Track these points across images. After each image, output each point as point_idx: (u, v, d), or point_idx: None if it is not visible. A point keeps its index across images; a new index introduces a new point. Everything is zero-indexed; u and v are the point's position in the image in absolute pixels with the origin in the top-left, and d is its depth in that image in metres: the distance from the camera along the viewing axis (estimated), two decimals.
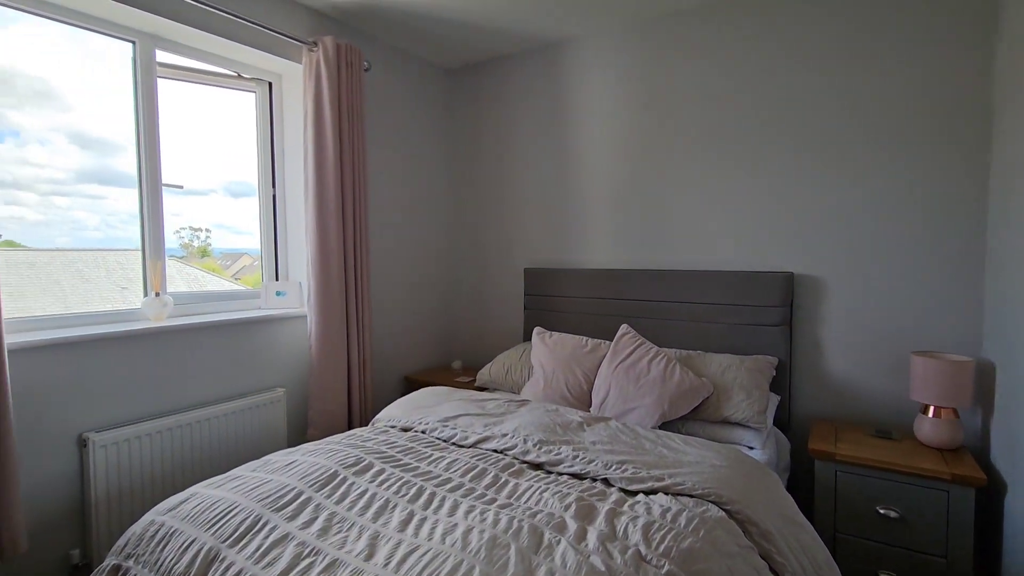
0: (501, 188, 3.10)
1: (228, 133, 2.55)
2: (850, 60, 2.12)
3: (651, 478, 1.47)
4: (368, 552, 1.12)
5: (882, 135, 2.08)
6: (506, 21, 2.59)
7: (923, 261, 2.04)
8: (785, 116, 2.26)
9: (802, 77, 2.22)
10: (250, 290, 2.56)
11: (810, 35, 2.19)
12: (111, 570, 1.28)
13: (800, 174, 2.25)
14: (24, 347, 1.63)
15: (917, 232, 2.05)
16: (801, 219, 2.26)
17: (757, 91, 2.32)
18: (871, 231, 2.13)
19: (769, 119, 2.30)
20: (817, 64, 2.19)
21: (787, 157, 2.27)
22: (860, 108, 2.12)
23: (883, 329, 2.12)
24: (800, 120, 2.24)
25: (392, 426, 1.98)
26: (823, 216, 2.21)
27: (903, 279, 2.08)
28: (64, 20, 1.89)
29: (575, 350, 2.39)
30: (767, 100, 2.30)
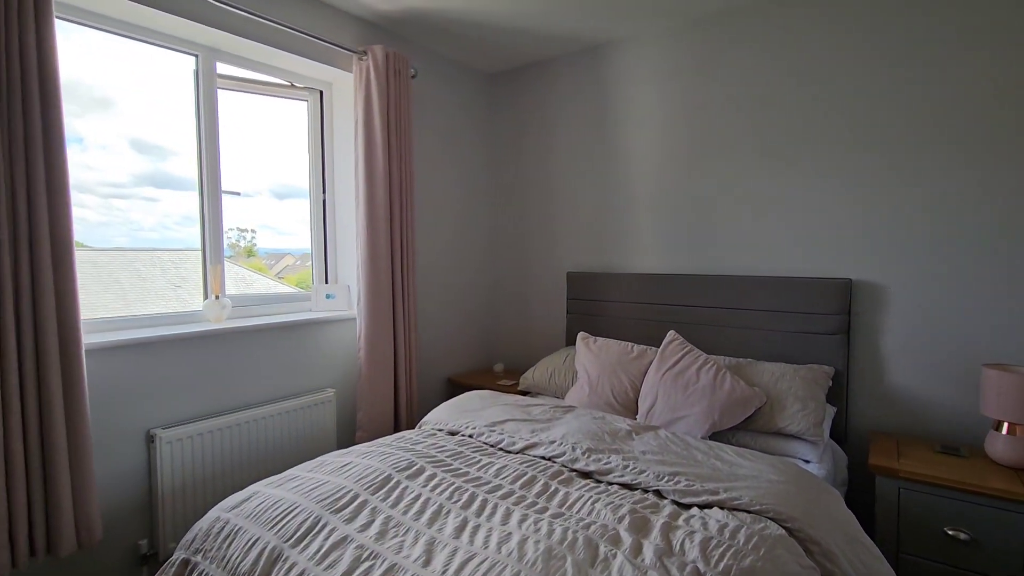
0: (543, 192, 3.10)
1: (272, 137, 2.62)
2: (913, 53, 2.02)
3: (705, 491, 1.44)
4: (425, 559, 1.14)
5: (949, 133, 1.98)
6: (550, 25, 2.58)
7: (996, 266, 1.93)
8: (842, 115, 2.18)
9: (860, 74, 2.13)
10: (301, 292, 2.63)
11: (869, 30, 2.10)
12: (180, 564, 1.34)
13: (859, 176, 2.16)
14: (99, 347, 1.72)
15: (989, 235, 1.93)
16: (860, 223, 2.17)
17: (811, 90, 2.23)
18: (937, 234, 2.02)
19: (825, 119, 2.21)
20: (877, 60, 2.09)
21: (845, 158, 2.18)
22: (925, 104, 2.01)
23: (951, 339, 2.01)
24: (859, 119, 2.14)
25: (439, 429, 2.01)
26: (885, 220, 2.12)
27: (974, 286, 1.97)
28: (132, 36, 1.99)
29: (621, 356, 2.36)
30: (822, 99, 2.21)
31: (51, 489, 1.53)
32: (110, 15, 1.88)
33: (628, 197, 2.78)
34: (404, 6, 2.41)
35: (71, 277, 1.57)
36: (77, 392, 1.58)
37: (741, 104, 2.41)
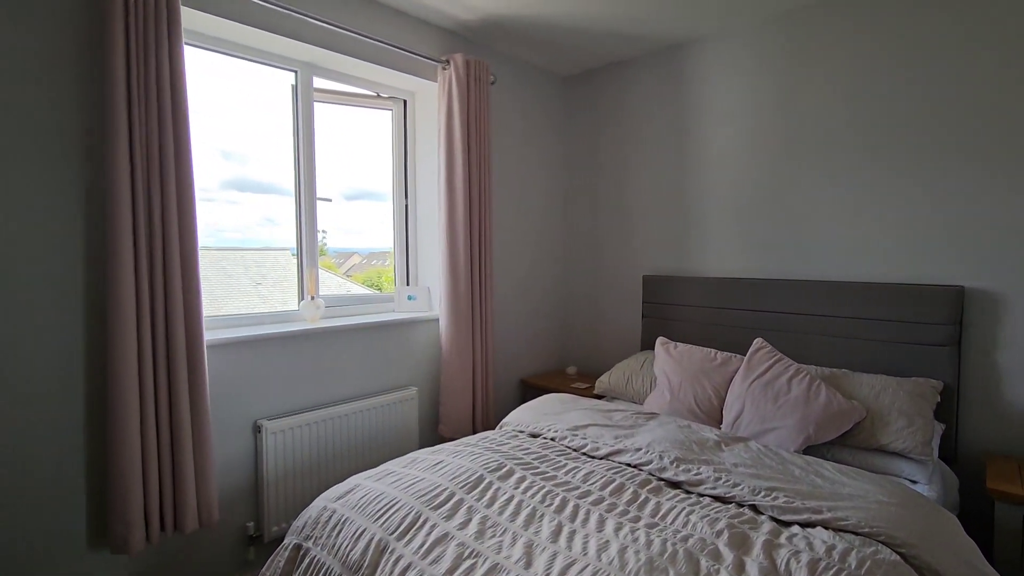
0: (619, 194, 3.07)
1: (340, 141, 2.70)
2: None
3: (807, 509, 1.38)
4: (526, 560, 1.16)
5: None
6: (628, 26, 2.55)
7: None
8: (953, 109, 2.01)
9: (977, 63, 1.96)
10: (381, 294, 2.75)
11: (988, 13, 1.93)
12: (292, 548, 1.44)
13: (974, 174, 1.99)
14: (214, 344, 1.88)
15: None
16: (975, 226, 2.00)
17: (919, 81, 2.08)
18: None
19: (932, 114, 2.05)
20: (997, 45, 1.91)
21: (956, 155, 2.02)
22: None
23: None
24: (972, 113, 1.97)
25: (520, 431, 2.04)
26: (1004, 222, 1.94)
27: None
28: (240, 56, 2.15)
29: (703, 363, 2.30)
30: (929, 92, 2.05)
31: (178, 474, 1.69)
32: (225, 38, 2.05)
33: (708, 199, 2.70)
34: (483, 14, 2.46)
35: (196, 277, 1.72)
36: (200, 385, 1.73)
37: (836, 99, 2.29)
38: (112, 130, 1.54)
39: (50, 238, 1.55)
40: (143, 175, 1.60)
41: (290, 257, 2.57)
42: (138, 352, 1.60)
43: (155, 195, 1.63)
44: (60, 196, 1.56)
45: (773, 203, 2.49)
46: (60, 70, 1.55)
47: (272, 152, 2.36)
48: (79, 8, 1.57)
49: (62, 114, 1.56)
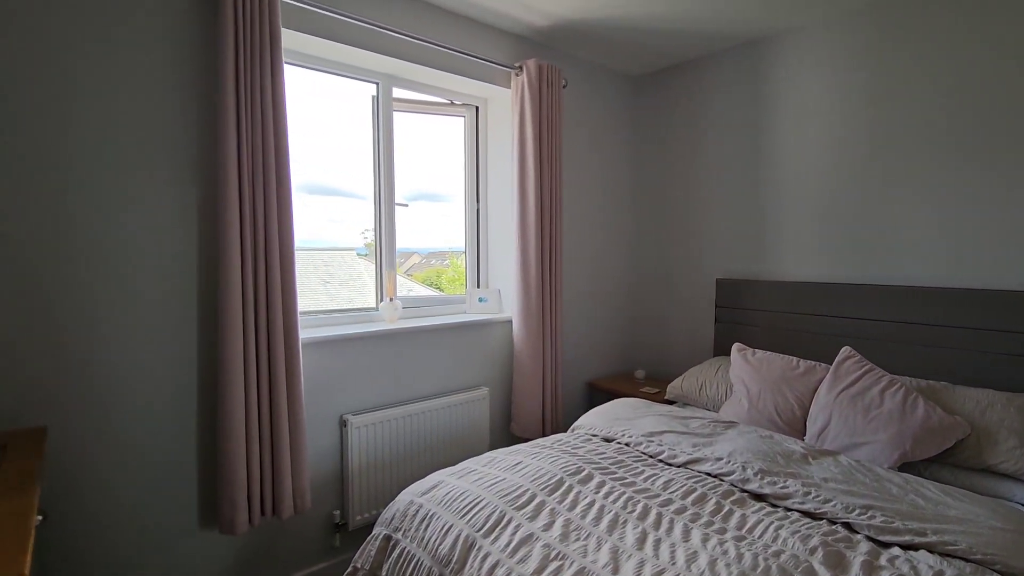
0: (690, 195, 3.00)
1: (402, 144, 2.77)
2: None
3: (908, 531, 1.31)
4: (613, 566, 1.18)
5: None
6: (702, 24, 2.49)
7: None
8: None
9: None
10: (453, 295, 2.83)
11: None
12: (383, 539, 1.52)
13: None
14: (306, 342, 2.01)
15: None
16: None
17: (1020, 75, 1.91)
18: None
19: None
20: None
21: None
22: None
23: None
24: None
25: (594, 435, 2.04)
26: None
27: None
28: (326, 70, 2.27)
29: (784, 371, 2.22)
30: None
31: (277, 462, 1.82)
32: (313, 54, 2.17)
33: (787, 200, 2.59)
34: (556, 20, 2.48)
35: (293, 279, 1.84)
36: (295, 380, 1.86)
37: (932, 94, 2.13)
38: (223, 145, 1.68)
39: (170, 246, 1.71)
40: (249, 185, 1.74)
41: (356, 257, 2.69)
42: (243, 351, 1.73)
43: (259, 203, 1.77)
44: (178, 207, 1.72)
45: (861, 204, 2.36)
46: (178, 91, 1.70)
47: (337, 156, 2.45)
48: (195, 35, 1.72)
49: (179, 131, 1.71)
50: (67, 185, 1.53)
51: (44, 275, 1.51)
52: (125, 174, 1.62)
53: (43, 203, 1.50)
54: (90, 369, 1.59)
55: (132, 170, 1.63)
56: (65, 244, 1.53)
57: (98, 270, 1.59)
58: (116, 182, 1.61)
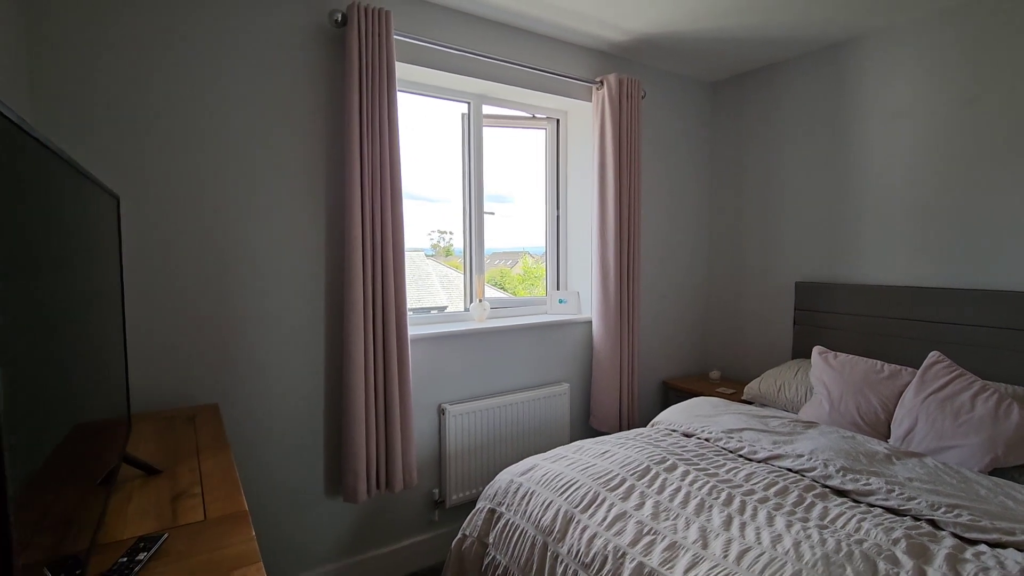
0: (768, 198, 3.02)
1: None
2: None
3: (996, 529, 1.35)
4: (702, 542, 1.31)
5: None
6: (782, 31, 2.53)
7: None
8: None
9: None
10: (534, 298, 3.01)
11: None
12: (487, 512, 1.73)
13: None
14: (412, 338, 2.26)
15: None
16: None
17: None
18: None
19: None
20: None
21: None
22: None
23: None
24: None
25: (673, 430, 2.16)
26: None
27: None
28: (425, 94, 2.52)
29: (868, 374, 2.23)
30: None
31: (390, 442, 2.08)
32: (416, 80, 2.42)
33: (869, 202, 2.58)
34: (635, 35, 2.61)
35: (403, 280, 2.10)
36: (405, 371, 2.11)
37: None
38: (349, 161, 1.95)
39: (303, 249, 2.01)
40: (369, 196, 2.01)
41: (424, 257, 2.90)
42: (363, 345, 2.00)
43: (376, 212, 2.03)
44: (310, 215, 2.02)
45: (947, 206, 2.32)
46: (312, 114, 2.00)
47: (405, 159, 2.62)
48: (326, 69, 2.01)
49: (312, 149, 2.01)
50: (225, 200, 1.85)
51: (209, 280, 1.84)
52: (268, 186, 1.93)
53: (205, 218, 1.82)
54: (245, 361, 1.91)
55: (274, 182, 1.94)
56: (223, 253, 1.86)
57: (248, 275, 1.90)
58: (262, 195, 1.92)
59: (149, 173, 1.73)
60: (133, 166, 1.70)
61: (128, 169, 1.69)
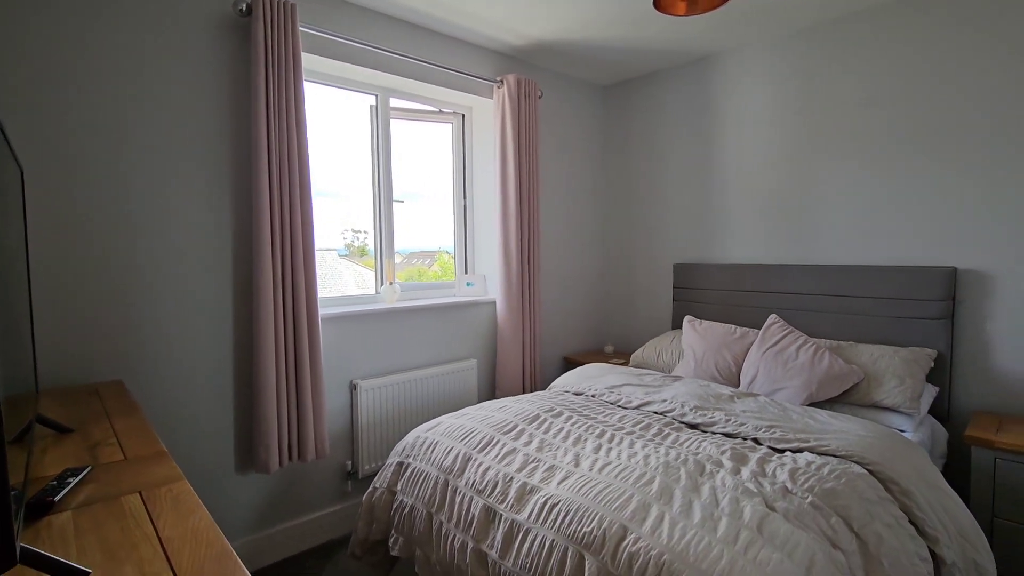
0: (651, 191, 3.43)
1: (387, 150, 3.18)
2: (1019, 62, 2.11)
3: (797, 440, 1.75)
4: (575, 463, 1.58)
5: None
6: (661, 43, 2.92)
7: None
8: (946, 113, 2.30)
9: (962, 76, 2.24)
10: (443, 282, 3.21)
11: (974, 33, 2.21)
12: (396, 466, 1.91)
13: (963, 169, 2.27)
14: (323, 318, 2.37)
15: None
16: (965, 214, 2.28)
17: (915, 90, 2.37)
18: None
19: (928, 117, 2.34)
20: (983, 61, 2.20)
21: (949, 153, 2.30)
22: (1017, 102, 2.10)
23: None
24: (963, 117, 2.26)
25: (567, 391, 2.45)
26: (990, 210, 2.22)
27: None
28: (332, 84, 2.63)
29: (724, 336, 2.66)
30: (927, 98, 2.34)
31: (302, 415, 2.18)
32: (323, 71, 2.53)
33: (731, 194, 3.04)
34: (533, 40, 2.88)
35: (313, 264, 2.21)
36: (316, 348, 2.22)
37: (846, 105, 2.59)
38: (257, 151, 2.04)
39: (209, 225, 2.06)
40: (278, 183, 2.10)
41: (337, 257, 2.99)
42: (274, 324, 2.09)
43: (285, 198, 2.13)
44: (217, 201, 2.08)
45: (789, 198, 2.81)
46: (217, 102, 2.06)
47: (315, 158, 2.70)
48: (229, 60, 2.08)
49: (217, 139, 2.07)
50: (129, 183, 1.88)
51: (114, 262, 1.86)
52: (173, 177, 1.98)
53: (107, 200, 1.84)
54: (149, 337, 1.94)
55: (179, 172, 1.99)
56: (129, 235, 1.88)
57: (152, 251, 1.94)
58: (168, 176, 1.96)
59: (54, 154, 1.73)
60: (38, 145, 1.69)
61: (33, 148, 1.68)
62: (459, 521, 1.54)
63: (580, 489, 1.42)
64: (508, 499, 1.48)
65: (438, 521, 1.61)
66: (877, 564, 1.32)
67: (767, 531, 1.25)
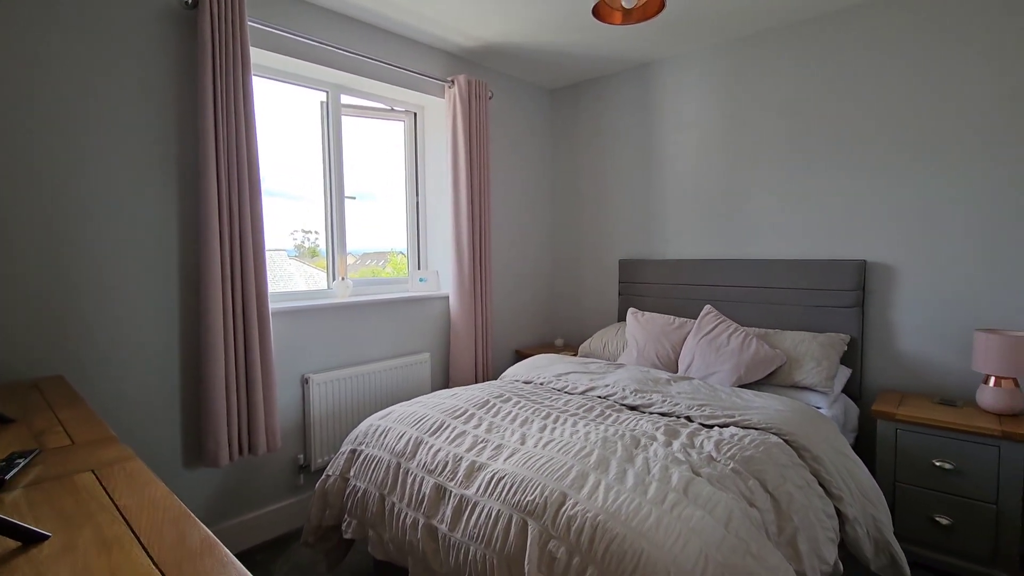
0: (598, 191, 3.59)
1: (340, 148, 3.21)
2: (914, 78, 2.38)
3: (724, 415, 1.91)
4: (521, 441, 1.68)
5: (948, 137, 2.32)
6: (604, 50, 3.07)
7: (986, 249, 2.26)
8: (858, 121, 2.55)
9: (874, 90, 2.49)
10: (396, 278, 3.25)
11: (883, 48, 2.46)
12: (349, 453, 1.95)
13: (873, 173, 2.53)
14: (274, 312, 2.37)
15: (980, 225, 2.27)
16: (872, 212, 2.54)
17: (832, 98, 2.62)
18: (939, 223, 2.37)
19: (843, 124, 2.59)
20: (886, 79, 2.45)
21: (859, 158, 2.56)
22: (929, 115, 2.36)
23: (950, 311, 2.36)
24: (866, 126, 2.51)
25: (517, 380, 2.55)
26: (896, 210, 2.48)
27: (968, 265, 2.31)
28: (282, 79, 2.64)
29: (664, 326, 2.83)
30: (841, 106, 2.59)
31: (252, 409, 2.18)
32: (271, 66, 2.53)
33: (671, 194, 3.23)
34: (483, 42, 2.97)
35: (263, 259, 2.21)
36: (267, 343, 2.23)
37: (772, 110, 2.82)
38: (204, 146, 2.03)
39: (153, 230, 2.04)
40: (225, 175, 2.10)
41: (287, 258, 2.98)
42: (223, 319, 2.09)
43: (234, 191, 2.13)
44: (162, 198, 2.05)
45: (722, 198, 3.02)
46: (161, 94, 2.04)
47: (268, 155, 2.74)
48: (181, 52, 2.07)
49: (162, 134, 2.05)
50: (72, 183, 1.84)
51: (54, 256, 1.81)
52: (118, 171, 1.95)
53: (44, 193, 1.80)
54: (90, 331, 1.90)
55: (124, 166, 1.96)
56: (71, 229, 1.85)
57: (90, 246, 1.91)
58: (111, 179, 1.93)
59: None
60: None
61: None
62: (411, 500, 1.61)
63: (525, 463, 1.52)
64: (458, 476, 1.56)
65: (390, 502, 1.67)
66: (788, 519, 1.48)
67: (692, 493, 1.38)
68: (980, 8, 2.23)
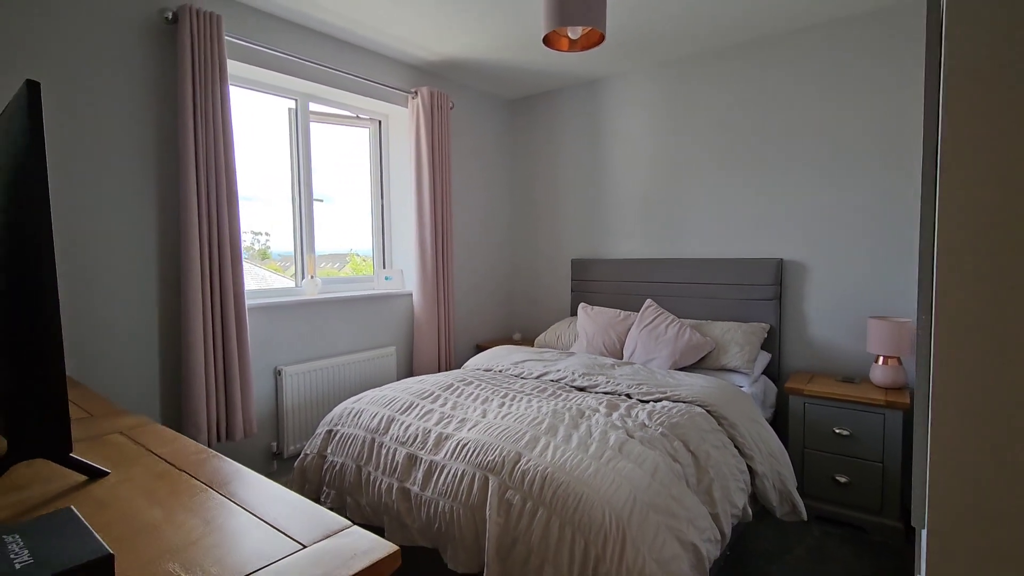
0: (552, 195, 3.88)
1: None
2: (822, 100, 2.77)
3: (658, 392, 2.21)
4: (482, 415, 1.92)
5: (849, 153, 2.72)
6: (556, 67, 3.36)
7: (878, 248, 2.67)
8: (777, 138, 2.93)
9: (790, 109, 2.88)
10: (362, 276, 3.43)
11: (803, 73, 2.85)
12: (325, 434, 2.13)
13: (788, 182, 2.91)
14: (250, 307, 2.52)
15: (873, 229, 2.67)
16: (789, 217, 2.92)
17: (756, 116, 2.99)
18: (840, 228, 2.76)
19: (764, 141, 2.97)
20: (800, 100, 2.84)
21: (778, 170, 2.93)
22: (834, 136, 2.76)
23: (850, 301, 2.76)
24: (788, 143, 2.90)
25: (479, 368, 2.79)
26: (806, 215, 2.86)
27: (864, 263, 2.71)
28: (253, 88, 2.79)
29: (611, 319, 3.13)
30: (762, 125, 2.97)
31: (230, 398, 2.33)
32: (244, 76, 2.68)
33: (617, 199, 3.55)
34: (444, 57, 3.20)
35: (240, 257, 2.37)
36: (243, 335, 2.38)
37: (703, 125, 3.17)
38: (184, 154, 2.18)
39: (136, 233, 2.17)
40: (204, 179, 2.25)
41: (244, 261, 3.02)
42: (202, 313, 2.23)
43: (212, 194, 2.28)
44: (143, 203, 2.18)
45: (662, 203, 3.36)
46: (143, 104, 2.17)
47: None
48: (162, 62, 2.20)
49: (143, 141, 2.18)
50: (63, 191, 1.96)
51: None
52: (100, 180, 2.07)
53: None
54: (79, 332, 2.02)
55: (106, 175, 2.08)
56: (58, 237, 1.96)
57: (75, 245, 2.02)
58: (94, 187, 2.05)
59: None
60: None
61: None
62: (385, 468, 1.82)
63: (486, 431, 1.76)
64: (427, 445, 1.79)
65: (367, 472, 1.88)
66: (705, 472, 1.78)
67: (625, 450, 1.66)
68: (882, 36, 2.64)
